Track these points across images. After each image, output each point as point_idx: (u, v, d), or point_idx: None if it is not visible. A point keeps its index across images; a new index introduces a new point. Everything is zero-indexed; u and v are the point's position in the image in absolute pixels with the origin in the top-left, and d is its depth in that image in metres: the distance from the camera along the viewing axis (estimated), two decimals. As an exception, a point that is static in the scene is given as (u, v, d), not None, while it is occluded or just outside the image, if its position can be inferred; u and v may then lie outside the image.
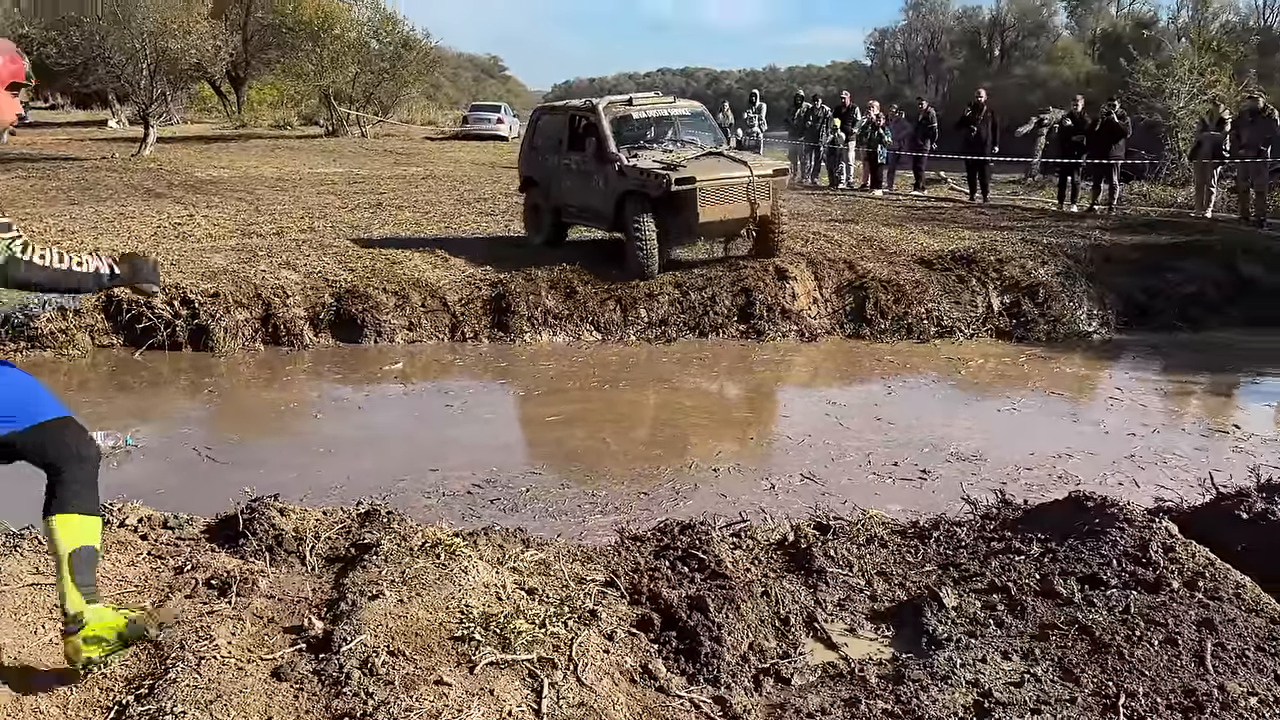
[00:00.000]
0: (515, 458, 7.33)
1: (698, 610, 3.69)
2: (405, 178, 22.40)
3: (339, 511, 4.63)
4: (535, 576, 4.00)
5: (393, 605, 3.53)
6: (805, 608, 3.87)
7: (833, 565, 4.25)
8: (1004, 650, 3.51)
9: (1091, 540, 4.29)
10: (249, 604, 3.64)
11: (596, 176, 11.93)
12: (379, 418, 8.45)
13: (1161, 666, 3.34)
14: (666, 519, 4.94)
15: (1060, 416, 8.80)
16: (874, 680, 3.37)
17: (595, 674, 3.23)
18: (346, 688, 3.07)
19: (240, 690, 3.09)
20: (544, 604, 3.68)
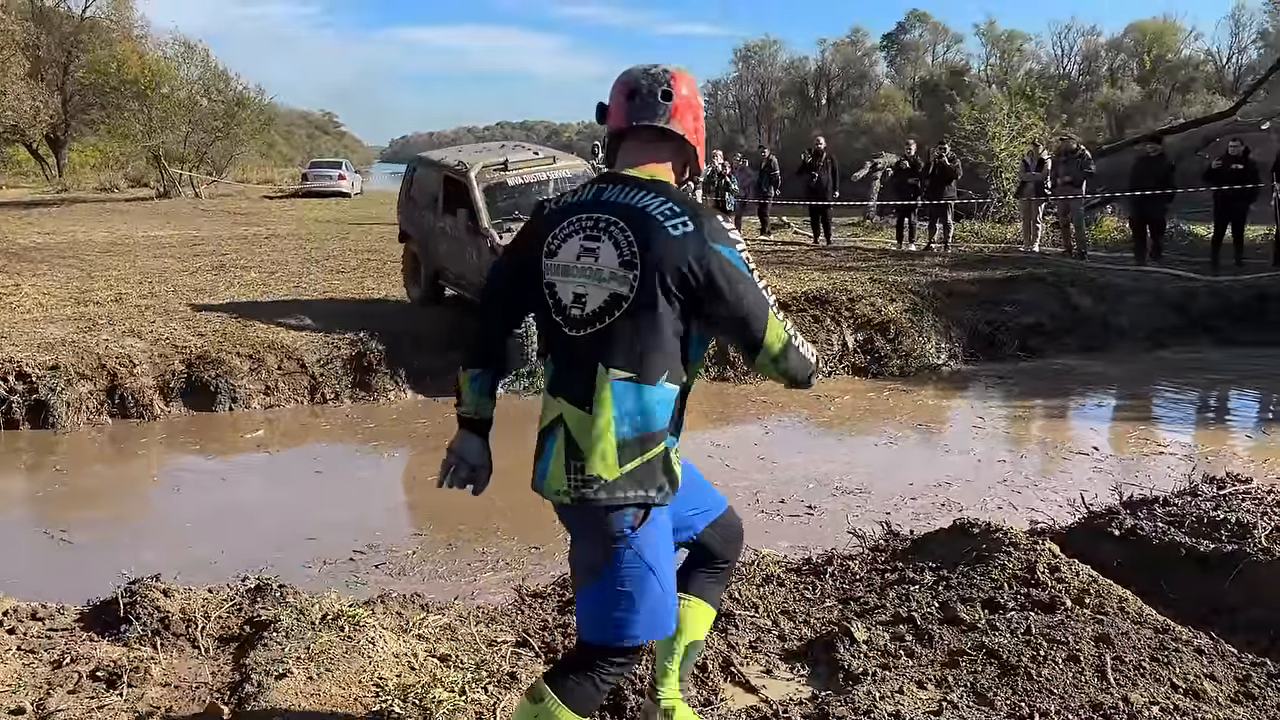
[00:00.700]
0: (397, 520, 7.10)
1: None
2: (247, 238, 21.68)
3: (226, 588, 4.39)
4: (444, 642, 3.87)
5: (302, 684, 3.37)
6: (720, 652, 3.84)
7: (738, 607, 4.23)
8: (919, 680, 3.55)
9: (981, 565, 4.39)
10: (143, 694, 3.42)
11: (470, 249, 11.05)
12: (245, 488, 8.07)
13: (1068, 684, 3.42)
14: (564, 574, 4.86)
15: (933, 447, 9.11)
16: (795, 716, 3.39)
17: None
18: (262, 776, 2.91)
19: (146, 788, 2.90)
20: (459, 670, 3.56)
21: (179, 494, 7.89)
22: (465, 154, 12.32)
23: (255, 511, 7.43)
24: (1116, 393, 10.88)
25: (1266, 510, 4.89)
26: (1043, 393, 10.77)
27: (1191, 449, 8.57)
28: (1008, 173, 20.92)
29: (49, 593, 4.70)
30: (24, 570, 6.03)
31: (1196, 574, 4.35)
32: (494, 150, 12.28)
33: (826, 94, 64.08)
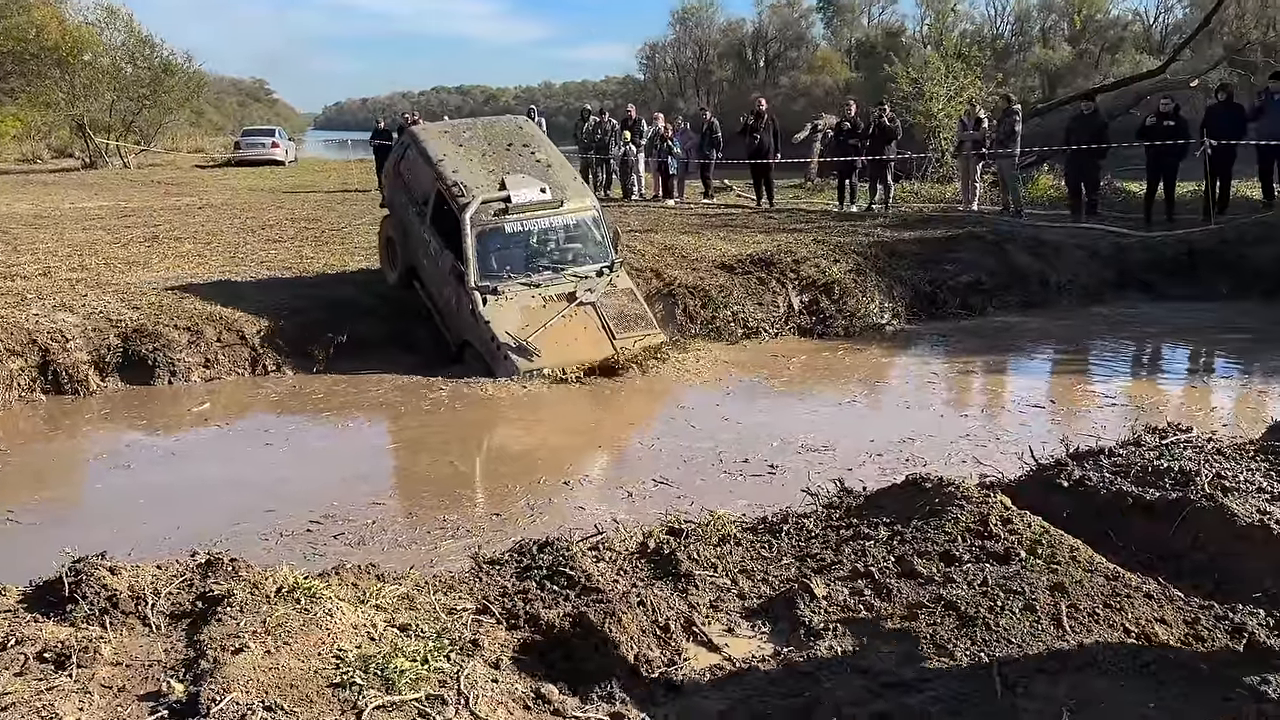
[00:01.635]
0: (354, 490, 6.92)
1: (580, 628, 3.61)
2: (180, 208, 21.13)
3: (176, 564, 4.29)
4: (403, 612, 3.82)
5: (260, 658, 3.30)
6: (681, 613, 3.84)
7: (698, 568, 4.25)
8: (878, 633, 3.59)
9: (935, 519, 4.44)
10: (94, 675, 3.32)
11: (449, 291, 9.98)
12: (195, 462, 7.88)
13: (1025, 633, 3.48)
14: (522, 539, 4.82)
15: (894, 403, 9.21)
16: (763, 677, 3.39)
17: (488, 705, 3.11)
18: (224, 752, 2.86)
19: (102, 770, 2.83)
20: (420, 639, 3.51)
21: (128, 470, 7.68)
22: (465, 159, 10.58)
23: (207, 485, 7.27)
24: (1057, 348, 11.06)
25: (1207, 458, 4.98)
26: (986, 350, 10.89)
27: (1133, 401, 8.73)
28: (945, 132, 21.05)
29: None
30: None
31: (1143, 522, 4.42)
32: (497, 157, 10.68)
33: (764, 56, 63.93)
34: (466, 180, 10.10)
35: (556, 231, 10.49)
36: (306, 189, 25.86)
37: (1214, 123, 15.08)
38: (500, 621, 3.81)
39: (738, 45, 65.48)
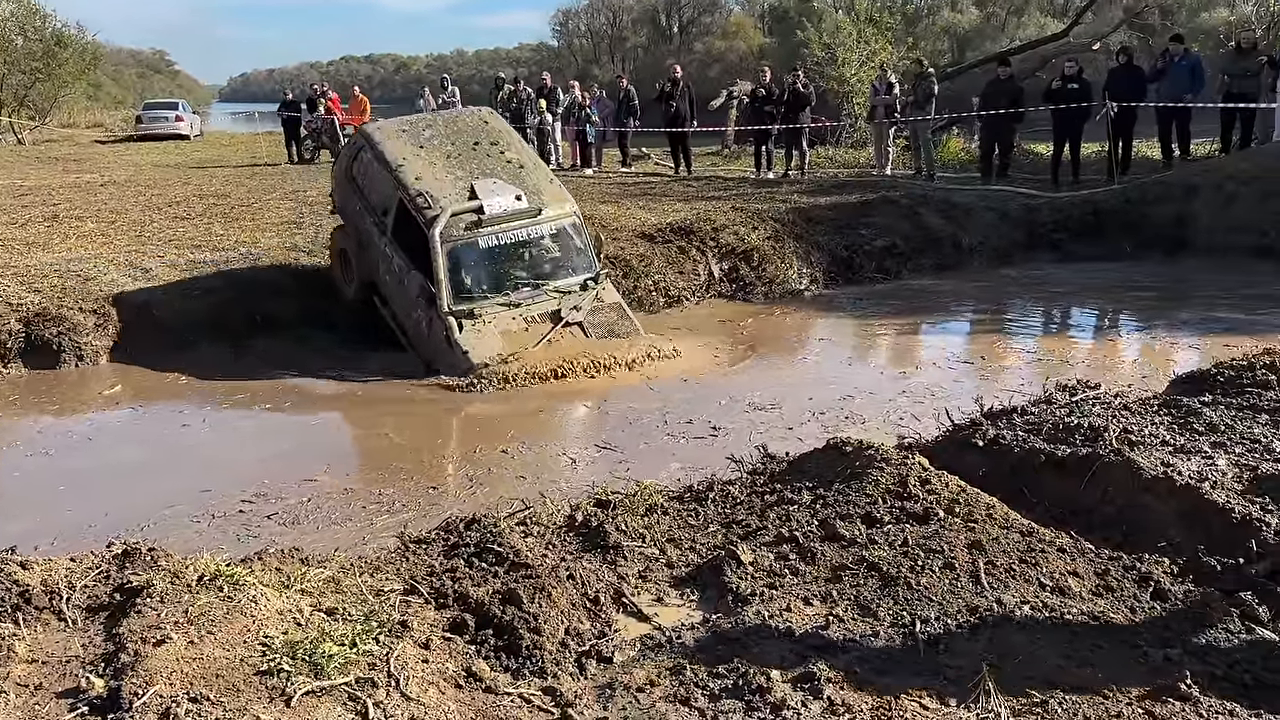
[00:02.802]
0: (285, 468, 6.77)
1: (510, 604, 3.60)
2: (80, 186, 20.36)
3: (91, 556, 4.18)
4: (329, 595, 3.77)
5: (183, 649, 3.24)
6: (611, 584, 3.85)
7: (626, 539, 4.25)
8: (805, 596, 3.64)
9: (856, 482, 4.49)
10: (8, 673, 3.23)
11: (418, 315, 8.94)
12: (116, 446, 7.66)
13: (945, 590, 3.57)
14: (450, 517, 4.79)
15: (836, 362, 9.42)
16: (693, 645, 3.42)
17: (419, 685, 3.10)
18: (150, 745, 2.81)
19: (24, 769, 2.76)
20: (348, 622, 3.48)
21: (45, 456, 7.43)
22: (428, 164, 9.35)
23: (129, 469, 7.08)
24: (971, 309, 11.31)
25: (1114, 414, 5.12)
26: (908, 312, 11.09)
27: (1043, 359, 8.96)
28: (858, 97, 21.24)
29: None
30: None
31: (1055, 477, 4.52)
32: (464, 160, 9.47)
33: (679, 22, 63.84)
34: (432, 189, 8.97)
35: (535, 243, 9.43)
36: (214, 164, 25.16)
37: (1116, 85, 15.48)
38: (429, 601, 3.77)
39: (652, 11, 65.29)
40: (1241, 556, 3.67)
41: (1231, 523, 3.84)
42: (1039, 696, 2.98)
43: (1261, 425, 4.86)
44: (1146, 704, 2.94)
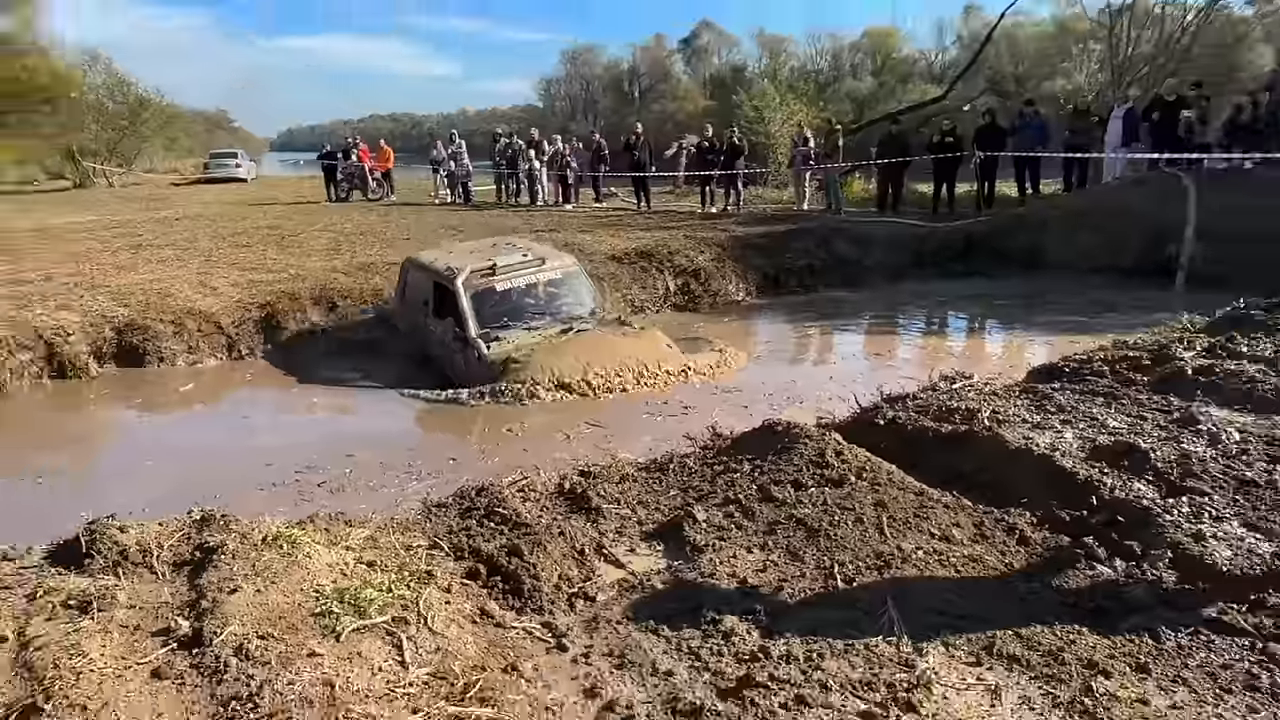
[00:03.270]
0: (331, 447, 6.69)
1: (514, 555, 3.60)
2: (161, 220, 20.04)
3: (175, 521, 4.12)
4: (369, 551, 3.74)
5: (251, 596, 3.21)
6: (593, 539, 3.86)
7: (605, 502, 4.25)
8: (747, 546, 3.66)
9: (785, 455, 4.50)
10: (112, 617, 3.19)
11: (458, 356, 8.48)
12: (190, 431, 7.56)
13: (856, 539, 3.60)
14: (463, 485, 4.76)
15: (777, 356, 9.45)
16: (659, 586, 3.44)
17: (443, 623, 3.09)
18: (227, 674, 2.77)
19: (125, 694, 2.73)
20: (384, 572, 3.47)
21: (134, 439, 7.35)
22: (455, 256, 9.42)
23: (203, 450, 6.96)
24: (873, 315, 11.35)
25: (985, 398, 5.17)
26: (820, 317, 11.12)
27: (930, 355, 9.01)
28: (781, 149, 21.33)
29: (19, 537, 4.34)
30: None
31: (939, 449, 4.55)
32: (484, 250, 9.44)
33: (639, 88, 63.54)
34: (455, 264, 8.87)
35: (544, 286, 9.04)
36: (267, 202, 24.81)
37: (982, 139, 15.68)
38: (449, 554, 3.76)
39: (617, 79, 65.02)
40: (1085, 509, 3.73)
41: (1077, 483, 3.90)
42: (932, 622, 3.02)
43: (1098, 406, 4.95)
44: (1013, 624, 2.99)
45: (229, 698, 2.68)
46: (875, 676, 2.71)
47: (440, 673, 2.82)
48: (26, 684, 2.80)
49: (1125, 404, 4.95)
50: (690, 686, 2.73)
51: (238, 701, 2.65)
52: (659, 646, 2.97)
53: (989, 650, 2.85)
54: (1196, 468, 3.98)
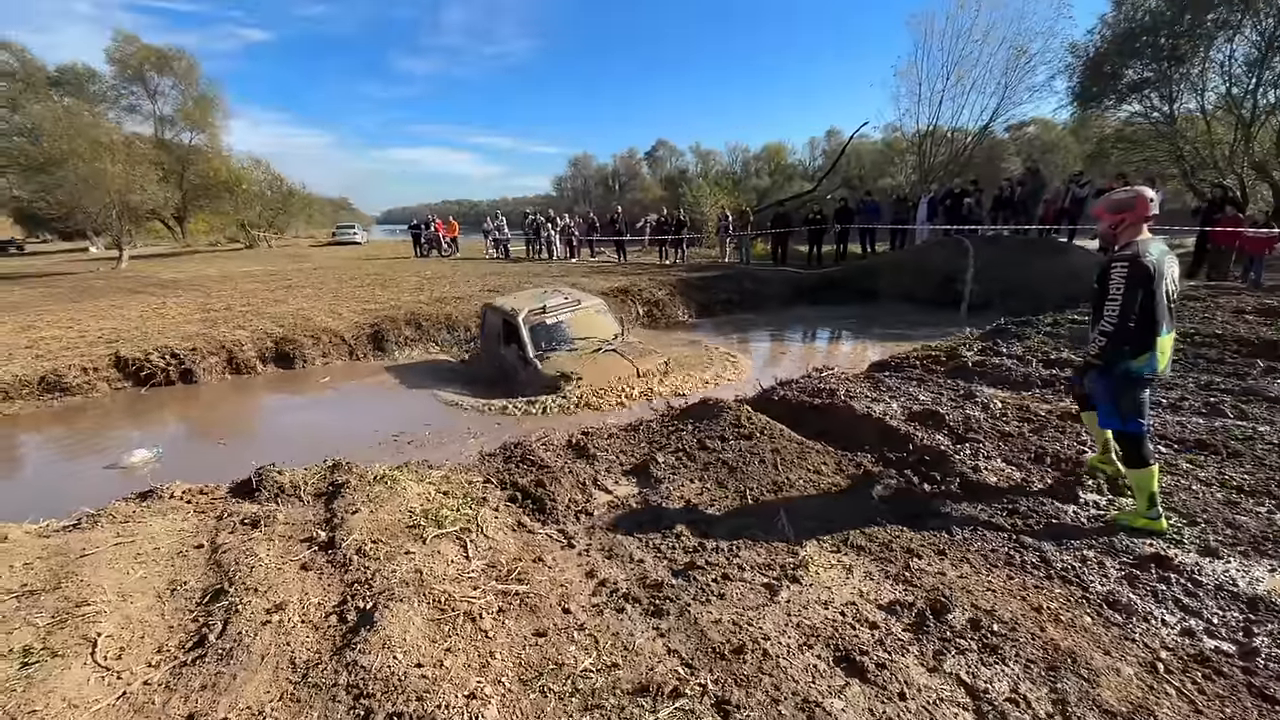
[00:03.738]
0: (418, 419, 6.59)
1: (540, 486, 3.60)
2: (303, 270, 19.59)
3: (315, 466, 4.07)
4: (444, 484, 3.73)
5: (367, 516, 3.18)
6: (592, 475, 3.86)
7: (599, 451, 4.25)
8: (690, 479, 3.68)
9: (715, 420, 4.53)
10: (274, 530, 3.15)
11: (521, 372, 7.71)
12: (323, 410, 7.37)
13: (761, 474, 3.63)
14: (504, 441, 4.73)
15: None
16: (635, 505, 3.44)
17: (494, 530, 3.08)
18: (351, 565, 2.75)
19: (282, 580, 2.69)
20: (454, 498, 3.45)
21: (288, 413, 7.16)
22: (517, 300, 8.73)
23: (333, 422, 6.81)
24: (772, 329, 11.33)
25: (841, 382, 5.22)
26: (738, 330, 11.04)
27: (807, 354, 9.02)
28: (711, 223, 21.31)
29: (210, 478, 4.25)
30: (194, 466, 5.41)
31: (813, 414, 4.58)
32: (538, 295, 8.79)
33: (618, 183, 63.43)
34: (517, 306, 8.26)
35: (580, 320, 8.37)
36: (373, 257, 24.38)
37: (838, 216, 15.76)
38: (497, 486, 3.76)
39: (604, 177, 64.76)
40: (905, 452, 3.79)
41: (899, 435, 3.97)
42: (808, 525, 3.05)
43: (913, 386, 5.02)
44: (860, 526, 3.03)
45: (353, 581, 2.65)
46: (773, 560, 2.75)
47: (492, 563, 2.81)
48: (216, 574, 2.75)
49: (929, 385, 5.04)
50: (654, 569, 2.75)
51: (358, 584, 2.63)
52: (634, 544, 2.98)
53: (845, 543, 2.89)
54: (974, 425, 4.06)
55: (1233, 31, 12.86)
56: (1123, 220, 2.77)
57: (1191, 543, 2.79)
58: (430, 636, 2.33)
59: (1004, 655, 2.14)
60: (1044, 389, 4.89)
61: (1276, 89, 12.79)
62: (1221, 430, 3.84)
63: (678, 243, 18.10)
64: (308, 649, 2.31)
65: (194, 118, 31.75)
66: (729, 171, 51.60)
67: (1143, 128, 15.17)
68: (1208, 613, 2.37)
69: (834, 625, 2.31)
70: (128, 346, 8.65)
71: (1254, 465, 3.43)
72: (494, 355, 8.47)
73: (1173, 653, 2.18)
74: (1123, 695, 2.00)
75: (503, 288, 13.06)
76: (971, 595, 2.47)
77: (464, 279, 15.37)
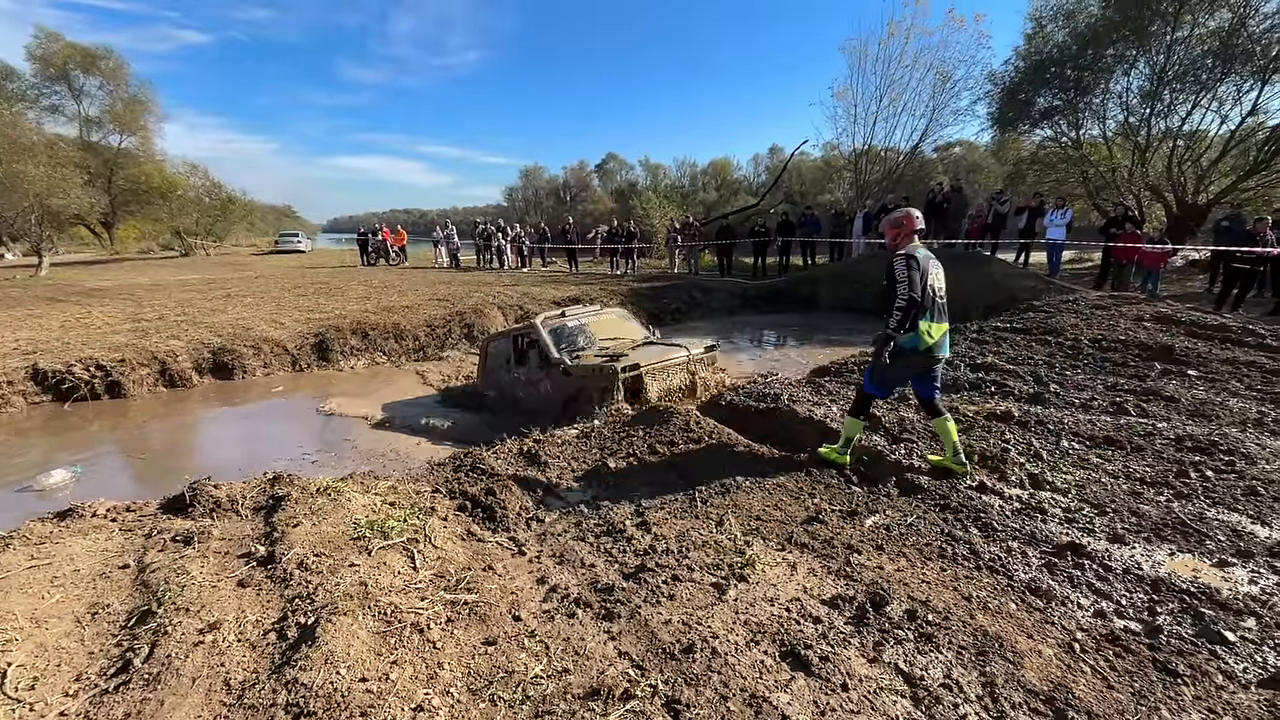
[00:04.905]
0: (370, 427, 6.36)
1: (490, 495, 3.52)
2: (244, 278, 18.65)
3: (255, 480, 3.86)
4: (391, 495, 3.59)
5: (309, 528, 3.03)
6: (542, 482, 3.80)
7: (550, 458, 4.20)
8: (641, 483, 3.67)
9: (666, 425, 4.52)
10: (208, 546, 2.96)
11: (544, 383, 6.57)
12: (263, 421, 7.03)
13: (708, 469, 3.66)
14: (454, 452, 4.61)
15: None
16: (585, 510, 3.41)
17: (442, 540, 2.99)
18: (292, 580, 2.61)
19: (217, 598, 2.53)
20: (401, 509, 3.33)
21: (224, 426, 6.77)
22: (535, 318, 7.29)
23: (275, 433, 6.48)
24: (718, 335, 11.46)
25: (785, 387, 5.34)
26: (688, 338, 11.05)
27: (754, 360, 9.16)
28: (660, 235, 21.52)
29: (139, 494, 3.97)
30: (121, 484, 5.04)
31: (759, 418, 4.67)
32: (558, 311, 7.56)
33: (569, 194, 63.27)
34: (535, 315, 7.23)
35: (605, 324, 7.32)
36: (318, 266, 23.49)
37: (781, 230, 16.18)
38: (445, 495, 3.65)
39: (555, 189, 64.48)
40: (845, 453, 3.89)
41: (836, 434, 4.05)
42: (754, 525, 3.09)
43: (852, 391, 5.16)
44: (804, 524, 3.09)
45: (293, 596, 2.52)
46: (721, 560, 2.76)
47: (440, 573, 2.72)
48: (143, 595, 2.57)
49: (867, 389, 5.19)
50: (605, 573, 2.72)
51: (299, 599, 2.50)
52: (585, 549, 2.95)
53: (789, 540, 2.94)
54: (908, 426, 4.22)
55: (1128, 66, 13.95)
56: (899, 233, 3.42)
57: (1102, 531, 2.97)
58: (375, 650, 2.23)
59: (938, 643, 2.21)
60: (971, 391, 5.12)
61: (1166, 119, 13.93)
62: (1126, 427, 4.11)
63: (628, 253, 18.16)
64: (244, 669, 2.17)
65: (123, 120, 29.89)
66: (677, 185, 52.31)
67: (1054, 151, 16.22)
68: (1117, 595, 2.53)
69: (780, 621, 2.34)
70: (47, 358, 8.02)
71: (1154, 458, 3.69)
72: (501, 385, 7.24)
73: (1087, 633, 2.30)
74: (1044, 675, 2.10)
75: (452, 296, 12.80)
76: (908, 587, 2.55)
77: (412, 288, 14.97)
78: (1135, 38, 13.40)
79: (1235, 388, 4.93)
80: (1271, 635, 2.30)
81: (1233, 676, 2.12)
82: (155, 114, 30.90)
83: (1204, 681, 2.09)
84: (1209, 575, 2.64)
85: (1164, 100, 13.70)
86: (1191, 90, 13.24)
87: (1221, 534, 2.92)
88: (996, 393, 5.03)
